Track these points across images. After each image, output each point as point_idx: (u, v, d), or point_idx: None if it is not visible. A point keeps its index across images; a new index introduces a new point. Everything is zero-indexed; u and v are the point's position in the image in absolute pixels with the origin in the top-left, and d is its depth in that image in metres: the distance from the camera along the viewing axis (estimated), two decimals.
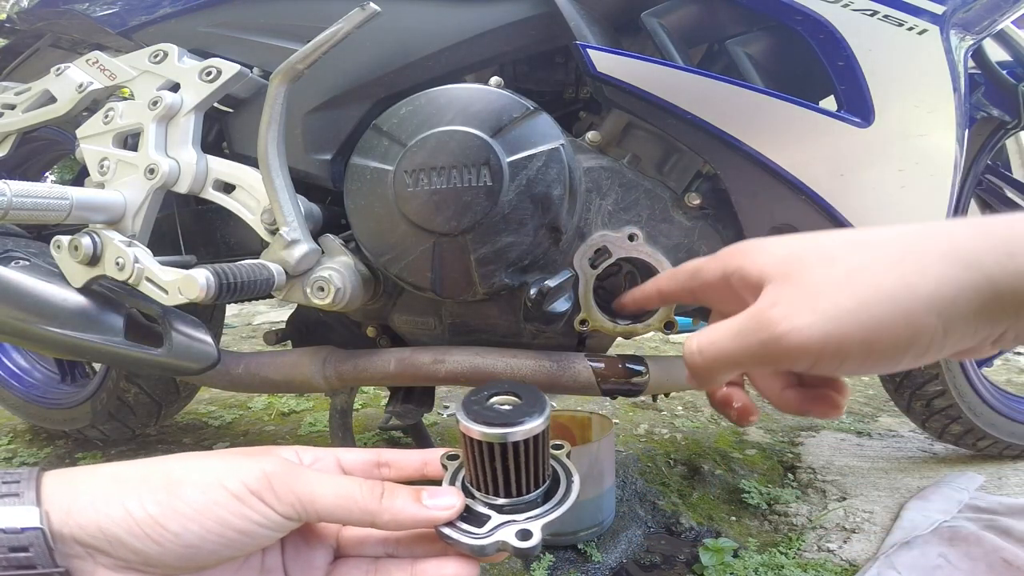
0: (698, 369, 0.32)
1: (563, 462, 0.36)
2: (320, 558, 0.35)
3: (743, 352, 0.30)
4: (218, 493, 0.29)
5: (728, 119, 0.59)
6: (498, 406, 0.33)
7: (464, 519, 0.32)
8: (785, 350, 0.28)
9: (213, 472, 0.30)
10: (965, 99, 0.60)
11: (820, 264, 0.29)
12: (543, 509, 0.33)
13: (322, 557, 0.35)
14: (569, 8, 0.62)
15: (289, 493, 0.30)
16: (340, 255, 0.67)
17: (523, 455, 0.31)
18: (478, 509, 0.32)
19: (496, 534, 0.31)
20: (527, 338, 0.72)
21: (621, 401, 1.53)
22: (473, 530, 0.31)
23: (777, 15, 0.59)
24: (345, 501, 0.30)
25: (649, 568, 0.85)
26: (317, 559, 0.34)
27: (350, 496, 0.31)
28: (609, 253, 0.65)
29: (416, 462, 0.37)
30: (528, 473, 0.32)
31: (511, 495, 0.32)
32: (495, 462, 0.31)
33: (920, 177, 0.59)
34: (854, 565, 0.84)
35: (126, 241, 0.65)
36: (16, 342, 0.70)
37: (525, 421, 0.31)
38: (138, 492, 0.29)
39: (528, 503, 0.32)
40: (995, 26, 0.65)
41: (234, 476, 0.29)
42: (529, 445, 0.31)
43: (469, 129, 0.60)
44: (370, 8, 0.60)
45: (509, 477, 0.32)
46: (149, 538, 0.28)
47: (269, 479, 0.30)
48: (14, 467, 1.22)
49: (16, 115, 0.81)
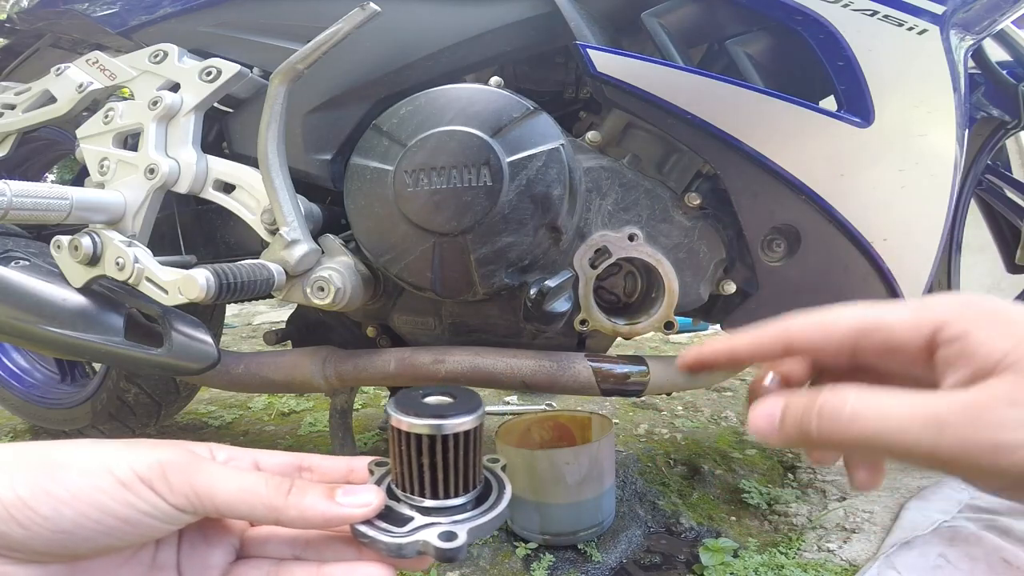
0: (831, 433, 0.25)
1: (497, 474, 0.35)
2: (219, 556, 0.33)
3: (923, 444, 0.23)
4: (102, 478, 0.27)
5: (728, 119, 0.59)
6: (431, 403, 0.32)
7: (384, 518, 0.30)
8: (998, 467, 0.22)
9: (101, 457, 0.28)
10: (965, 99, 0.60)
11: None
12: (471, 514, 0.31)
13: (221, 556, 0.33)
14: (569, 8, 0.62)
15: (184, 483, 0.28)
16: (340, 255, 0.67)
17: (452, 451, 0.30)
18: (401, 510, 0.31)
19: (418, 534, 0.29)
20: (527, 338, 0.72)
21: (621, 401, 1.53)
22: (393, 529, 0.30)
23: (777, 15, 0.59)
24: (248, 496, 0.28)
25: (649, 568, 0.85)
26: (215, 557, 0.32)
27: (253, 491, 0.29)
28: (609, 253, 0.65)
29: (341, 468, 0.35)
30: (457, 473, 0.31)
31: (437, 495, 0.31)
32: (422, 457, 0.30)
33: (920, 177, 0.59)
34: (854, 565, 0.84)
35: (126, 241, 0.65)
36: (16, 342, 0.70)
37: (456, 416, 0.30)
38: (9, 472, 0.27)
39: (455, 507, 0.31)
40: (995, 26, 0.65)
41: (123, 462, 0.28)
42: (459, 441, 0.30)
43: (469, 129, 0.61)
44: (370, 8, 0.60)
45: (436, 475, 0.30)
46: (14, 520, 0.26)
47: (163, 467, 0.28)
48: None
49: (16, 115, 0.81)
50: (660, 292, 0.65)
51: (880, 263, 0.61)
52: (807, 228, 0.62)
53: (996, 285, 2.43)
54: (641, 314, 0.67)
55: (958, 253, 0.98)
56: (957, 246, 0.98)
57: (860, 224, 0.60)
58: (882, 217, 0.60)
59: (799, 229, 0.62)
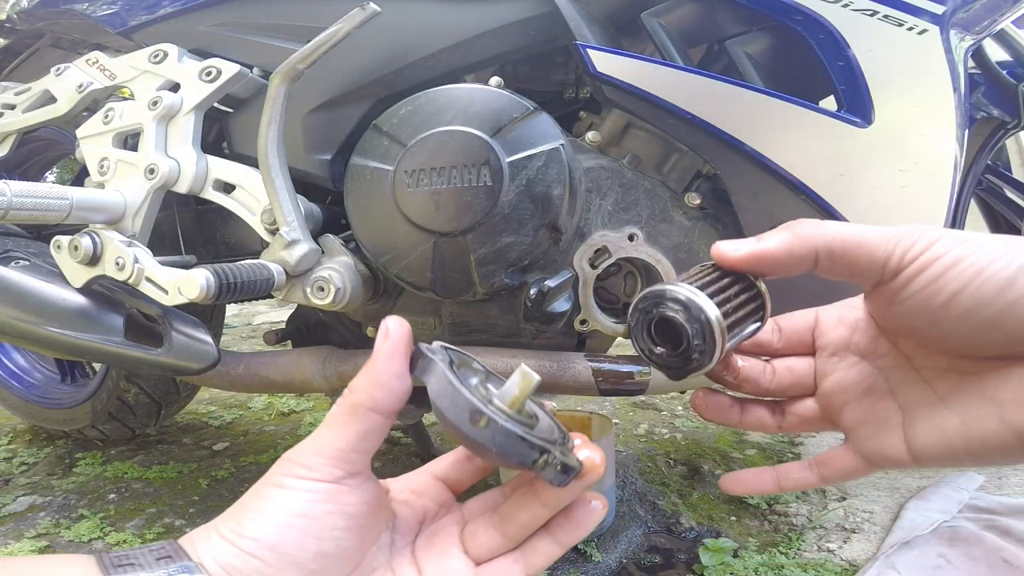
0: (807, 234, 0.30)
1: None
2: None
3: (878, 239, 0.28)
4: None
5: (728, 119, 0.59)
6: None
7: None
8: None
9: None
10: (965, 99, 0.60)
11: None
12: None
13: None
14: (569, 8, 0.62)
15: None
16: (340, 255, 0.67)
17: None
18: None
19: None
20: (527, 338, 0.72)
21: (621, 401, 1.53)
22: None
23: (777, 15, 0.59)
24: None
25: (649, 568, 0.85)
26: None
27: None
28: (609, 253, 0.65)
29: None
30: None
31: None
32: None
33: (920, 177, 0.59)
34: (854, 565, 0.84)
35: (126, 241, 0.65)
36: (16, 342, 0.70)
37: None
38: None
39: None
40: (995, 26, 0.65)
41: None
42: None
43: (469, 129, 0.60)
44: (370, 8, 0.60)
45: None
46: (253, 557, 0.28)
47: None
48: (15, 468, 1.22)
49: (16, 115, 0.81)
50: None
51: None
52: None
53: None
54: None
55: None
56: None
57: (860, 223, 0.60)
58: (882, 217, 0.60)
59: None
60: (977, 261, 0.26)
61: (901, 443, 0.31)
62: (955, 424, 0.29)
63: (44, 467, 1.24)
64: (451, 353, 0.33)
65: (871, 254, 0.28)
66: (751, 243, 0.31)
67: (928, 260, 0.27)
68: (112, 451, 1.30)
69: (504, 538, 0.32)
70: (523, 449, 0.28)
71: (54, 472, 1.21)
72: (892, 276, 0.28)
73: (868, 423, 0.33)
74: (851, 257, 0.29)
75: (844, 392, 0.34)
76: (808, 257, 0.30)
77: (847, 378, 0.34)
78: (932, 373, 0.31)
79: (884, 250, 0.28)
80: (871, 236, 0.28)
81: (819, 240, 0.29)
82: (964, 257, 0.26)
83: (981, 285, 0.26)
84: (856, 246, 0.29)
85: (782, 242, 0.30)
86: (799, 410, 0.36)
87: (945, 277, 0.26)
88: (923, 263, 0.27)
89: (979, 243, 0.26)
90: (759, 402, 0.37)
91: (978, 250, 0.26)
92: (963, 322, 0.27)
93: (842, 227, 0.29)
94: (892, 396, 0.32)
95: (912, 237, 0.28)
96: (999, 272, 0.25)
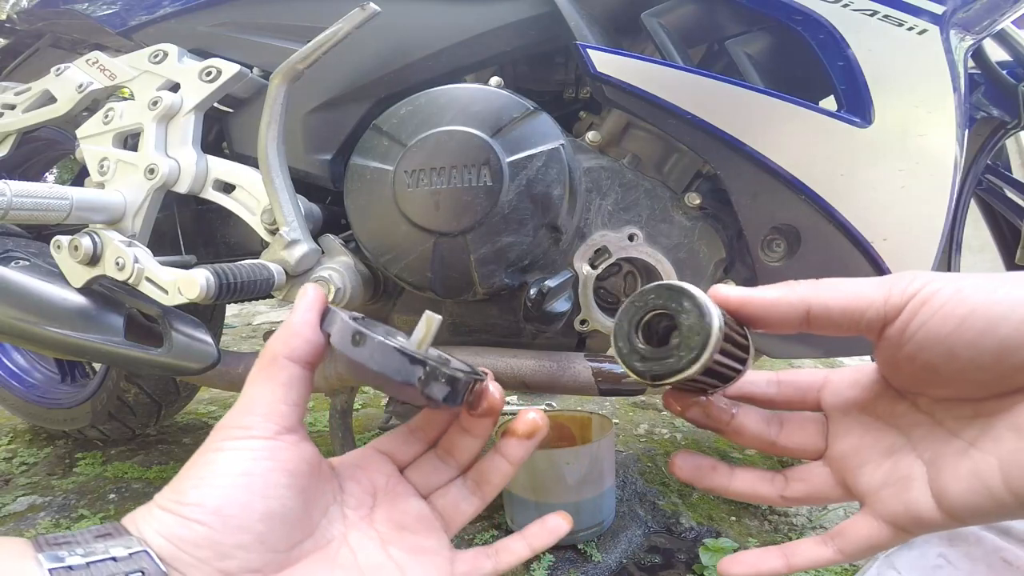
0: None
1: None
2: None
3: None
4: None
5: (728, 119, 0.59)
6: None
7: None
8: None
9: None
10: (965, 99, 0.60)
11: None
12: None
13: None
14: (569, 8, 0.62)
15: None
16: (340, 255, 0.67)
17: None
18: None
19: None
20: (527, 338, 0.72)
21: (621, 401, 1.53)
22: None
23: (777, 15, 0.59)
24: None
25: (649, 568, 0.85)
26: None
27: None
28: (609, 253, 0.65)
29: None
30: None
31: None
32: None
33: (920, 177, 0.59)
34: (854, 565, 0.84)
35: (126, 241, 0.65)
36: (16, 342, 0.70)
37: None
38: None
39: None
40: (995, 26, 0.65)
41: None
42: None
43: (469, 129, 0.61)
44: (370, 8, 0.60)
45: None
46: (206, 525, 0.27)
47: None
48: (15, 468, 1.22)
49: (16, 115, 0.81)
50: None
51: (880, 263, 0.61)
52: (807, 228, 0.62)
53: None
54: None
55: (958, 253, 0.98)
56: (957, 246, 0.97)
57: (860, 224, 0.60)
58: (882, 217, 0.60)
59: (799, 229, 0.62)
60: (982, 286, 0.26)
61: (929, 500, 0.28)
62: (991, 464, 0.27)
63: (44, 467, 1.24)
64: (365, 318, 0.34)
65: (869, 298, 0.28)
66: (745, 289, 0.31)
67: (929, 293, 0.26)
68: (112, 451, 1.30)
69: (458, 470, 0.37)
70: (400, 362, 0.29)
71: (54, 472, 1.21)
72: (896, 313, 0.27)
73: (889, 484, 0.30)
74: (847, 305, 0.28)
75: (860, 454, 0.32)
76: (798, 309, 0.29)
77: (863, 439, 0.32)
78: (957, 423, 0.29)
79: (881, 293, 0.28)
80: (865, 284, 0.28)
81: (811, 294, 0.29)
82: (966, 287, 0.26)
83: (992, 305, 0.25)
84: (852, 294, 0.28)
85: (774, 292, 0.30)
86: (808, 476, 0.34)
87: (950, 303, 0.26)
88: (924, 296, 0.26)
89: (979, 277, 0.26)
90: (753, 469, 0.36)
91: (980, 281, 0.26)
92: (979, 346, 0.25)
93: (835, 281, 0.29)
94: (914, 452, 0.30)
95: (907, 277, 0.28)
96: (1008, 293, 0.25)
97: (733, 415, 0.35)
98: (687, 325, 0.28)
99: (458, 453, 0.36)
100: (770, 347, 0.68)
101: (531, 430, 0.35)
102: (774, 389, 0.36)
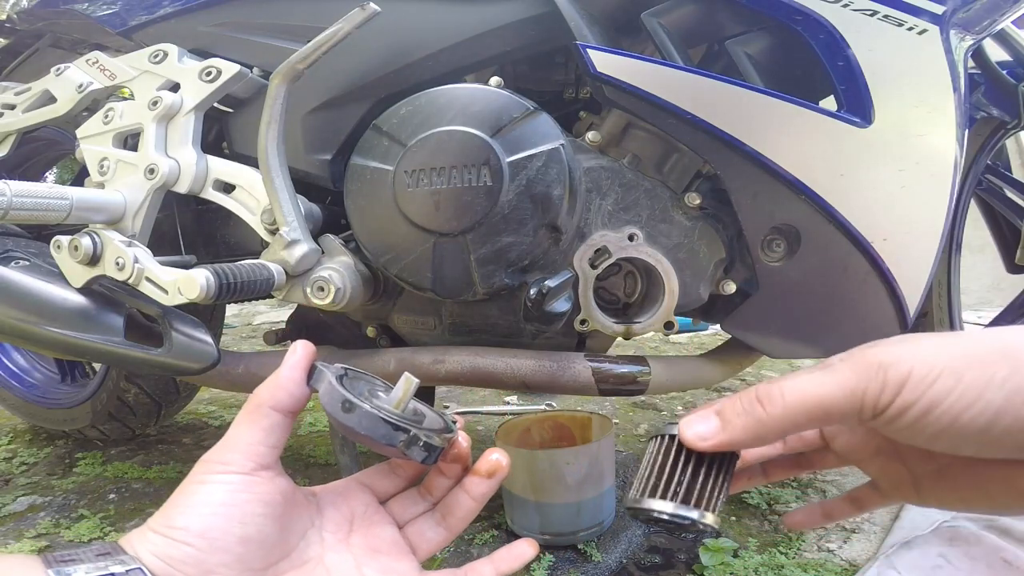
0: (772, 409, 0.29)
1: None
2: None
3: (839, 397, 0.28)
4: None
5: (728, 119, 0.59)
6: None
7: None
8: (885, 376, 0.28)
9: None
10: (965, 99, 0.60)
11: None
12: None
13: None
14: (569, 8, 0.62)
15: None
16: (340, 255, 0.67)
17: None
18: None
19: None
20: (527, 338, 0.72)
21: (621, 401, 1.53)
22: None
23: (777, 15, 0.59)
24: None
25: (649, 568, 0.85)
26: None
27: None
28: (609, 253, 0.65)
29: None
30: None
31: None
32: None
33: (920, 177, 0.59)
34: (854, 565, 0.84)
35: (126, 241, 0.65)
36: (16, 342, 0.70)
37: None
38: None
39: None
40: (995, 26, 0.65)
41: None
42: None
43: (469, 129, 0.61)
44: (370, 8, 0.60)
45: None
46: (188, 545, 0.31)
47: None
48: (15, 468, 1.22)
49: (16, 115, 0.81)
50: (660, 292, 0.65)
51: (880, 263, 0.61)
52: (807, 228, 0.62)
53: (996, 285, 2.42)
54: (641, 314, 0.67)
55: (958, 253, 0.98)
56: (957, 246, 0.97)
57: (860, 224, 0.60)
58: (882, 217, 0.60)
59: (799, 229, 0.62)
60: (949, 409, 0.26)
61: (916, 495, 0.35)
62: (955, 497, 0.32)
63: (44, 467, 1.24)
64: (349, 371, 0.38)
65: (841, 412, 0.28)
66: (715, 430, 0.31)
67: (899, 409, 0.26)
68: (112, 451, 1.30)
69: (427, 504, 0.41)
70: (387, 430, 0.34)
71: (54, 472, 1.21)
72: (872, 418, 0.28)
73: (886, 476, 0.37)
74: (822, 420, 0.28)
75: (856, 451, 0.38)
76: (773, 436, 0.30)
77: (855, 439, 0.38)
78: (946, 465, 0.33)
79: (851, 405, 0.27)
80: (832, 394, 0.27)
81: (780, 420, 0.29)
82: (936, 404, 0.26)
83: (959, 432, 0.26)
84: (821, 409, 0.28)
85: (743, 429, 0.30)
86: (823, 460, 0.41)
87: (926, 420, 0.26)
88: (899, 408, 0.26)
89: (951, 380, 0.26)
90: (783, 460, 0.43)
91: (952, 391, 0.25)
92: (959, 445, 0.27)
93: (801, 393, 0.28)
94: (901, 461, 0.36)
95: (877, 383, 0.27)
96: (973, 420, 0.25)
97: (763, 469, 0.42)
98: (677, 528, 0.33)
99: (434, 490, 0.41)
100: (770, 347, 0.68)
101: (492, 470, 0.39)
102: (778, 448, 0.41)
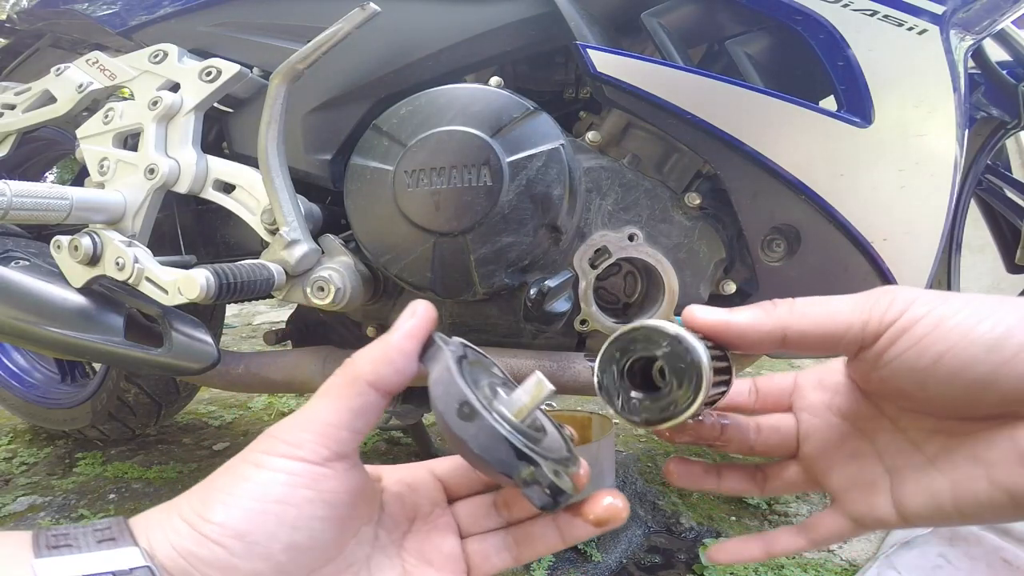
0: (801, 317, 0.28)
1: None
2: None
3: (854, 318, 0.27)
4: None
5: (728, 119, 0.59)
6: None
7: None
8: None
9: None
10: (965, 99, 0.60)
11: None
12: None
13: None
14: (569, 8, 0.62)
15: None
16: (340, 255, 0.67)
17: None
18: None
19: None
20: (527, 338, 0.72)
21: None
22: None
23: (777, 15, 0.59)
24: None
25: (649, 568, 0.85)
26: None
27: None
28: (609, 253, 0.65)
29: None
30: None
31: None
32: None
33: (920, 177, 0.59)
34: (854, 565, 0.84)
35: (126, 241, 0.65)
36: (16, 342, 0.70)
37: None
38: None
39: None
40: (995, 26, 0.65)
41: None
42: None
43: (469, 129, 0.60)
44: (370, 8, 0.60)
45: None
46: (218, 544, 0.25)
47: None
48: (15, 468, 1.22)
49: (16, 115, 0.81)
50: (660, 292, 0.65)
51: (880, 263, 0.61)
52: (807, 228, 0.62)
53: (996, 285, 2.42)
54: (641, 314, 0.67)
55: (958, 253, 0.98)
56: (957, 246, 0.97)
57: (860, 224, 0.60)
58: (882, 217, 0.60)
59: (799, 229, 0.62)
60: (962, 322, 0.25)
61: (890, 506, 0.30)
62: (944, 486, 0.28)
63: (44, 467, 1.24)
64: (468, 350, 0.31)
65: (847, 322, 0.27)
66: (722, 312, 0.30)
67: (909, 321, 0.26)
68: (112, 451, 1.30)
69: (505, 538, 0.33)
70: (507, 455, 0.26)
71: (54, 472, 1.21)
72: (873, 339, 0.27)
73: (855, 487, 0.32)
74: (825, 331, 0.28)
75: (828, 456, 0.33)
76: (774, 335, 0.29)
77: (830, 440, 0.33)
78: (919, 435, 0.30)
79: (859, 317, 0.27)
80: (842, 306, 0.28)
81: (787, 319, 0.28)
82: (947, 317, 0.25)
83: (968, 346, 0.25)
84: (828, 318, 0.28)
85: (749, 316, 0.29)
86: (783, 474, 0.36)
87: (929, 338, 0.26)
88: (904, 324, 0.26)
89: (961, 302, 0.26)
90: (738, 467, 0.37)
91: (962, 309, 0.25)
92: (951, 383, 0.26)
93: (812, 303, 0.28)
94: (879, 459, 0.32)
95: (886, 299, 0.27)
96: (986, 333, 0.25)
97: (723, 429, 0.35)
98: (677, 368, 0.28)
99: (514, 509, 0.33)
100: None
101: (606, 519, 0.30)
102: (752, 397, 0.37)
